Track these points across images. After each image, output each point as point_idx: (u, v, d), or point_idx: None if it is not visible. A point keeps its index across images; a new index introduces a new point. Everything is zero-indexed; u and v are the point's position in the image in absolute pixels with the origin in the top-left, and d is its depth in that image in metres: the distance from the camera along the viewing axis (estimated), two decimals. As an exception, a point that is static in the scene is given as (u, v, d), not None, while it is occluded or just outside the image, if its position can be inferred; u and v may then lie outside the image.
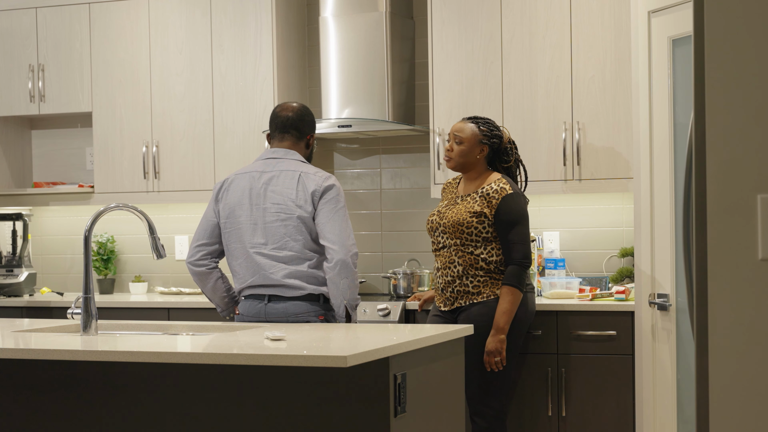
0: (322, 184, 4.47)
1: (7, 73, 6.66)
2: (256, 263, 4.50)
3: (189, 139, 6.33)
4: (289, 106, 4.67)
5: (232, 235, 4.57)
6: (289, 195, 4.49)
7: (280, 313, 4.46)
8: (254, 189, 4.54)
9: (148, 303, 6.10)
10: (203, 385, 3.71)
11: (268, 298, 4.49)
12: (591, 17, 5.59)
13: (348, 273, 4.42)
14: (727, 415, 2.42)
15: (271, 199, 4.51)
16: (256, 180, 4.55)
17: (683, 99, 4.39)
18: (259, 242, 4.50)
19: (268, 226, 4.49)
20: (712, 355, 2.43)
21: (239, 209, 4.55)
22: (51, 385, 3.87)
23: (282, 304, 4.47)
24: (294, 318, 4.45)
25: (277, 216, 4.49)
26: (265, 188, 4.52)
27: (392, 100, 5.97)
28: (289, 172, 4.52)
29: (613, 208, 5.92)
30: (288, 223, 4.47)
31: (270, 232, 4.49)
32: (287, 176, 4.52)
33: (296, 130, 4.63)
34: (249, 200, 4.54)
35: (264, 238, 4.50)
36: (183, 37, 6.34)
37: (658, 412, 4.62)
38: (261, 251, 4.49)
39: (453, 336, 4.02)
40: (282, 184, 4.51)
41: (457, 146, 5.05)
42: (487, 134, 5.05)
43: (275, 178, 4.53)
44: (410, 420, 3.66)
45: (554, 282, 5.63)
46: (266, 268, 4.48)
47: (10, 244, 6.67)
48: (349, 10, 6.00)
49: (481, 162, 5.06)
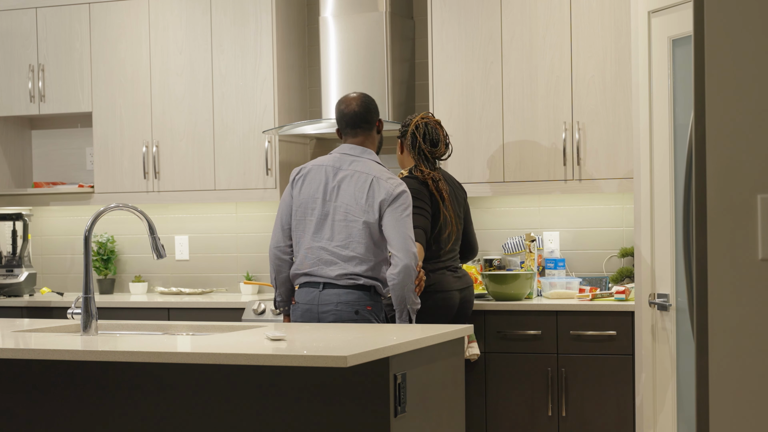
0: (393, 192, 4.60)
1: (7, 73, 6.66)
2: (318, 257, 4.64)
3: (189, 139, 6.33)
4: (352, 101, 4.80)
5: (300, 224, 4.71)
6: (359, 199, 4.61)
7: (333, 299, 4.59)
8: (329, 184, 4.67)
9: (148, 303, 6.09)
10: (203, 385, 3.71)
11: (323, 286, 4.61)
12: (591, 17, 5.59)
13: (410, 278, 4.55)
14: (727, 415, 2.42)
15: (342, 198, 4.64)
16: (331, 176, 4.68)
17: (683, 99, 4.38)
18: (324, 237, 4.64)
19: (336, 223, 4.63)
20: (712, 355, 2.43)
21: (313, 201, 4.68)
22: (51, 385, 3.87)
23: (335, 291, 4.59)
24: (344, 306, 4.58)
25: (345, 216, 4.62)
26: (338, 186, 4.66)
27: (392, 100, 5.97)
28: (362, 175, 4.65)
29: (613, 208, 5.92)
30: (354, 225, 4.61)
31: (337, 229, 4.63)
32: (360, 179, 4.64)
33: (366, 122, 4.79)
34: (323, 195, 4.67)
35: (330, 234, 4.64)
36: (183, 37, 6.34)
37: (658, 412, 4.62)
38: (325, 246, 4.63)
39: (453, 336, 4.03)
40: (354, 186, 4.64)
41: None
42: (400, 130, 5.24)
43: (348, 177, 4.66)
44: (410, 420, 3.66)
45: (554, 282, 5.63)
46: (326, 263, 4.62)
47: (10, 244, 6.67)
48: (349, 10, 6.00)
49: (407, 156, 5.23)
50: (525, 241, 5.86)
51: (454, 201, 5.20)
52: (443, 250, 5.12)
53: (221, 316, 5.89)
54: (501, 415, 5.46)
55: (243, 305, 5.88)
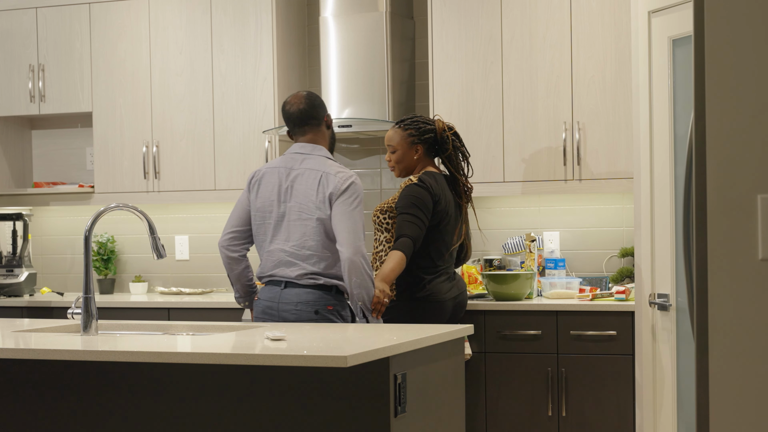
0: (340, 187, 4.58)
1: (7, 73, 6.66)
2: (278, 259, 4.64)
3: (189, 139, 6.33)
4: (295, 99, 4.79)
5: (260, 228, 4.72)
6: (310, 196, 4.61)
7: (293, 298, 4.59)
8: (282, 186, 4.68)
9: (148, 303, 6.09)
10: (203, 385, 3.71)
11: (285, 284, 4.62)
12: (591, 17, 5.59)
13: (357, 272, 4.52)
14: (727, 415, 2.42)
15: (295, 197, 4.64)
16: (284, 177, 4.69)
17: (683, 99, 4.38)
18: (281, 238, 4.65)
19: (291, 223, 4.64)
20: (712, 355, 2.43)
21: (269, 205, 4.69)
22: (51, 385, 3.87)
23: (296, 290, 4.59)
24: (304, 306, 4.57)
25: (299, 215, 4.62)
26: (291, 186, 4.66)
27: (392, 100, 5.97)
28: (312, 172, 4.65)
29: (613, 208, 5.92)
30: (308, 223, 4.61)
31: (292, 229, 4.64)
32: (310, 176, 4.64)
33: (313, 118, 4.77)
34: (277, 197, 4.68)
35: (286, 235, 4.64)
36: (183, 37, 6.34)
37: (658, 412, 4.62)
38: (283, 248, 4.64)
39: (453, 336, 4.02)
40: (305, 183, 4.64)
41: (393, 155, 5.14)
42: (416, 133, 5.10)
43: (300, 176, 4.66)
44: (410, 420, 3.66)
45: (554, 282, 5.63)
46: (285, 264, 4.62)
47: (10, 244, 6.67)
48: (349, 10, 6.00)
49: (423, 160, 5.13)
50: (525, 241, 5.86)
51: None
52: (445, 257, 5.09)
53: (221, 316, 5.88)
54: (501, 415, 5.46)
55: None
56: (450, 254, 5.11)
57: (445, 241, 5.05)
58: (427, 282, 5.00)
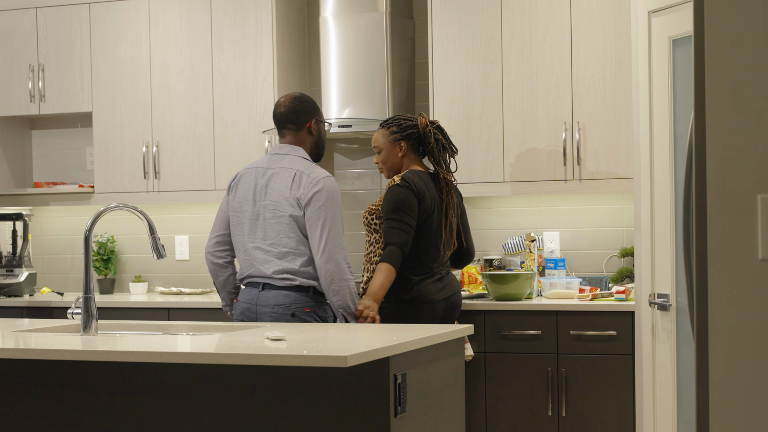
0: (308, 193, 4.57)
1: (7, 73, 6.66)
2: (253, 257, 4.65)
3: (189, 139, 6.33)
4: (281, 101, 4.81)
5: (237, 228, 4.72)
6: (284, 194, 4.62)
7: (270, 300, 4.59)
8: (258, 185, 4.68)
9: (148, 303, 6.10)
10: (203, 385, 3.71)
11: (263, 286, 4.62)
12: (591, 17, 5.59)
13: (331, 279, 4.53)
14: (727, 415, 2.42)
15: (270, 195, 4.65)
16: (260, 176, 4.69)
17: (683, 99, 4.38)
18: (258, 237, 4.65)
19: (267, 221, 4.64)
20: (712, 355, 2.43)
21: (245, 204, 4.69)
22: (51, 385, 3.87)
23: (273, 293, 4.59)
24: (281, 308, 4.57)
25: (274, 213, 4.63)
26: (266, 185, 4.66)
27: (392, 100, 5.97)
28: (288, 170, 4.65)
29: (613, 208, 5.92)
30: (282, 220, 4.62)
31: (267, 227, 4.64)
32: (285, 174, 4.65)
33: (291, 123, 4.77)
34: (253, 196, 4.68)
35: (262, 233, 4.64)
36: (183, 37, 6.34)
37: (658, 412, 4.62)
38: (259, 246, 4.64)
39: (453, 336, 4.02)
40: (280, 182, 4.64)
41: (379, 156, 5.12)
42: (397, 130, 5.07)
43: (276, 175, 4.67)
44: (410, 420, 3.66)
45: (554, 282, 5.63)
46: (261, 262, 4.63)
47: (10, 244, 6.67)
48: (349, 10, 6.00)
49: (408, 157, 5.10)
50: (525, 241, 5.86)
51: (456, 208, 5.14)
52: (434, 256, 5.01)
53: (221, 316, 5.88)
54: (501, 415, 5.46)
55: (243, 305, 5.88)
56: (441, 253, 5.03)
57: (432, 240, 4.99)
58: (415, 283, 4.94)
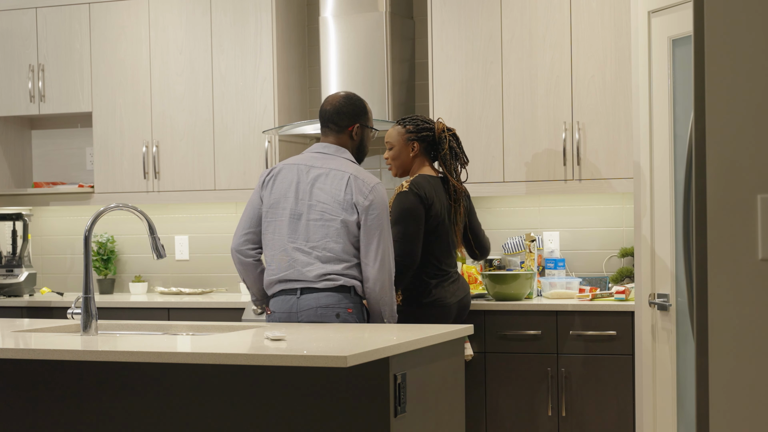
0: (365, 200, 4.42)
1: (7, 73, 6.66)
2: (293, 258, 4.44)
3: (189, 139, 6.33)
4: (329, 99, 4.64)
5: (272, 225, 4.51)
6: (336, 197, 4.44)
7: (312, 304, 4.41)
8: (302, 183, 4.49)
9: (148, 303, 6.10)
10: (203, 385, 3.71)
11: (301, 291, 4.43)
12: (591, 17, 5.59)
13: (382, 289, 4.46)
14: (727, 415, 2.42)
15: (318, 197, 4.45)
16: (303, 173, 4.50)
17: (683, 99, 4.38)
18: (299, 237, 4.45)
19: (311, 223, 4.44)
20: (712, 355, 2.43)
21: (284, 201, 4.49)
22: (51, 385, 3.87)
23: (314, 295, 4.41)
24: (324, 310, 4.40)
25: (321, 215, 4.44)
26: (313, 184, 4.47)
27: (392, 100, 5.97)
28: (338, 173, 4.47)
29: (613, 208, 5.92)
30: (331, 224, 4.43)
31: (312, 229, 4.44)
32: (336, 176, 4.47)
33: (334, 123, 4.59)
34: (295, 194, 4.48)
35: (305, 234, 4.44)
36: (183, 37, 6.34)
37: (658, 412, 4.62)
38: (300, 247, 4.44)
39: (453, 336, 4.02)
40: (330, 184, 4.46)
41: (390, 152, 5.11)
42: (414, 130, 5.07)
43: (323, 176, 4.48)
44: (410, 420, 3.66)
45: (554, 282, 5.63)
46: (303, 264, 4.43)
47: (10, 244, 6.67)
48: (349, 10, 6.00)
49: (419, 158, 5.10)
50: (525, 241, 5.86)
51: (463, 215, 5.18)
52: (445, 262, 5.08)
53: (221, 316, 5.89)
54: (501, 415, 5.46)
55: (243, 305, 5.88)
56: (454, 254, 5.13)
57: (447, 243, 5.05)
58: (433, 287, 5.01)
